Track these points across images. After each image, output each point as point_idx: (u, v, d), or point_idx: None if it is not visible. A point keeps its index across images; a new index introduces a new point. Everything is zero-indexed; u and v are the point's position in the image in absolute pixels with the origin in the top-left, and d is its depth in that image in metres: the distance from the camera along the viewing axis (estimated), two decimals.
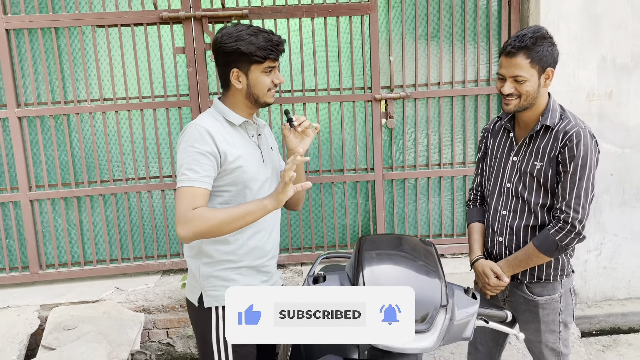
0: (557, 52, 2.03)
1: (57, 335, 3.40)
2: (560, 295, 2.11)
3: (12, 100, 3.65)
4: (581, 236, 2.01)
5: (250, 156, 1.93)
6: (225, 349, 1.90)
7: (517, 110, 2.04)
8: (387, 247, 1.75)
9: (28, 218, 3.78)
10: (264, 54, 1.83)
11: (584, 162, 1.95)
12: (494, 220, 2.16)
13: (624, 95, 3.74)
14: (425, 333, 1.47)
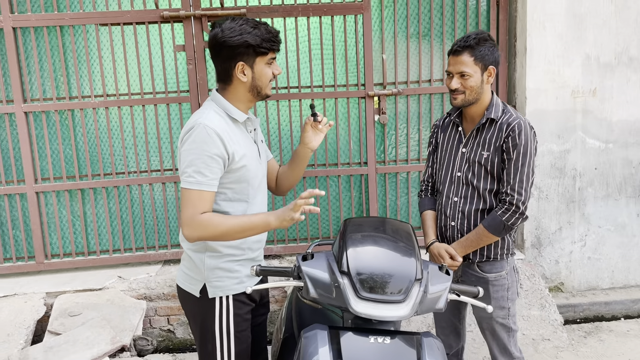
0: (498, 54, 2.27)
1: (63, 321, 3.55)
2: (507, 272, 2.32)
3: (19, 96, 3.79)
4: (524, 216, 2.21)
5: (252, 153, 2.01)
6: (228, 336, 1.98)
7: (464, 104, 2.25)
8: (368, 229, 1.90)
9: (34, 209, 3.92)
10: (268, 45, 1.90)
11: (525, 150, 2.16)
12: (447, 207, 2.34)
13: (608, 92, 3.88)
14: (401, 303, 1.63)
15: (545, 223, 4.00)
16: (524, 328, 3.53)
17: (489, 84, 2.25)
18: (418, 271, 1.68)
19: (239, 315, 2.00)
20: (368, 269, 1.67)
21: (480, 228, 2.23)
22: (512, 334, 2.34)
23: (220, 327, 1.98)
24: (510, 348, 2.33)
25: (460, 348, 2.53)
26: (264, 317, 2.25)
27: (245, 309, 2.03)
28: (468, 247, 2.27)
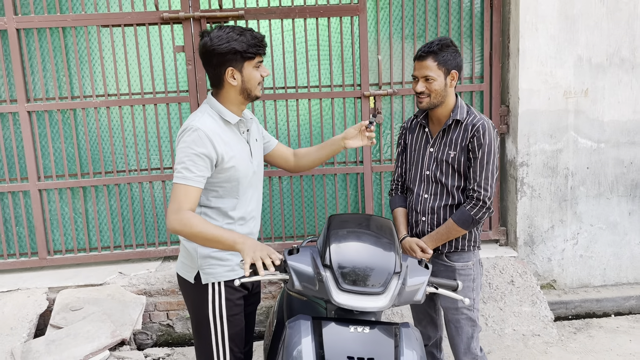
0: (461, 59, 2.38)
1: (65, 315, 3.64)
2: (473, 263, 2.43)
3: (22, 96, 3.88)
4: (490, 210, 2.35)
5: (242, 154, 2.12)
6: (221, 319, 2.11)
7: (429, 107, 2.37)
8: (351, 225, 1.98)
9: (37, 207, 4.01)
10: (254, 50, 2.02)
11: (489, 149, 2.30)
12: (417, 204, 2.45)
13: (600, 92, 3.95)
14: (380, 295, 1.71)
15: (538, 221, 4.07)
16: (514, 324, 3.60)
17: (452, 87, 2.38)
18: (397, 265, 1.77)
19: (230, 300, 2.12)
20: (349, 263, 1.75)
21: (450, 222, 2.35)
22: (476, 329, 2.43)
23: (214, 311, 2.10)
24: (472, 345, 2.43)
25: (438, 338, 2.62)
26: (253, 306, 2.35)
27: (237, 295, 2.14)
28: (438, 240, 2.38)
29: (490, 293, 3.76)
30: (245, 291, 2.18)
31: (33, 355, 3.35)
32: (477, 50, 4.06)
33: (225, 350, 2.12)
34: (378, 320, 1.81)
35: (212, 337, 2.12)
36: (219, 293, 2.11)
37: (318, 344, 1.62)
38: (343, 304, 1.68)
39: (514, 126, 3.98)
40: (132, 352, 3.55)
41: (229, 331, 2.11)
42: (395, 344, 1.64)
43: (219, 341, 2.11)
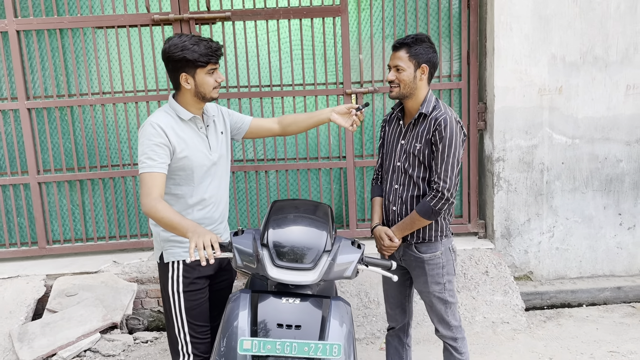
0: (434, 55, 2.48)
1: (60, 300, 3.87)
2: (442, 252, 2.53)
3: (22, 94, 4.11)
4: (450, 202, 2.43)
5: (197, 146, 2.32)
6: (178, 294, 2.34)
7: (399, 97, 2.49)
8: (289, 209, 2.16)
9: (37, 199, 4.25)
10: (205, 59, 2.22)
11: (450, 142, 2.39)
12: (389, 193, 2.58)
13: (574, 90, 4.07)
14: (310, 270, 1.90)
15: (515, 215, 4.21)
16: (485, 312, 3.76)
17: (422, 80, 2.47)
18: (327, 244, 1.95)
19: (187, 278, 2.34)
20: (284, 242, 1.95)
21: (413, 213, 2.47)
22: (448, 305, 2.56)
23: (172, 286, 2.35)
24: (448, 318, 2.57)
25: (406, 323, 2.76)
26: (225, 283, 2.55)
27: (195, 274, 2.35)
28: (404, 229, 2.51)
29: (464, 283, 3.92)
30: (208, 271, 2.37)
31: (29, 337, 3.58)
32: (456, 49, 4.21)
33: (183, 322, 2.34)
34: (314, 294, 1.99)
35: (171, 310, 2.36)
36: (177, 270, 2.34)
37: (254, 314, 1.81)
38: (276, 278, 1.87)
39: (491, 122, 4.13)
40: (122, 335, 3.77)
41: (185, 305, 2.34)
42: (323, 315, 1.82)
43: (177, 313, 2.35)
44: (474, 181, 4.35)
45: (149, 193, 2.18)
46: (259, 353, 1.71)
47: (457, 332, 2.60)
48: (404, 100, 2.53)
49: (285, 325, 1.77)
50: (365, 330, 3.67)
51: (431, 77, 2.52)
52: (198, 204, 2.35)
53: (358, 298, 3.85)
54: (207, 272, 2.37)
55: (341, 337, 1.79)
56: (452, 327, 2.58)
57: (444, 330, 2.59)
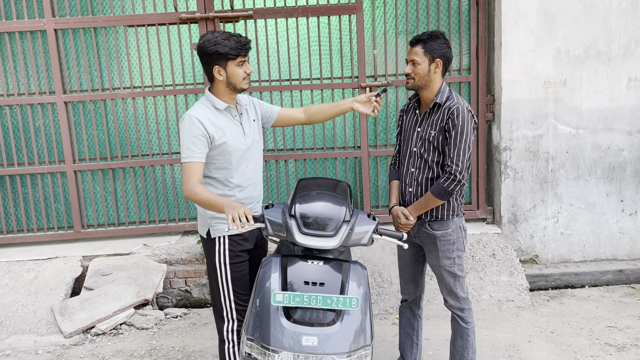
0: (448, 50, 2.69)
1: (96, 279, 4.19)
2: (453, 230, 2.77)
3: (60, 88, 4.43)
4: (462, 183, 2.67)
5: (233, 133, 2.58)
6: (225, 265, 2.60)
7: (414, 88, 2.73)
8: (313, 186, 2.44)
9: (72, 186, 4.57)
10: (235, 52, 2.48)
11: (462, 129, 2.62)
12: (406, 176, 2.83)
13: (577, 82, 4.29)
14: (331, 237, 2.19)
15: (521, 201, 4.44)
16: (491, 291, 4.01)
17: (436, 74, 2.69)
18: (347, 215, 2.23)
19: (232, 251, 2.60)
20: (309, 213, 2.24)
21: (428, 193, 2.71)
22: (457, 279, 2.80)
23: (219, 259, 2.60)
24: (456, 290, 2.81)
25: (418, 296, 3.02)
26: (259, 257, 2.78)
27: (239, 247, 2.61)
28: (419, 209, 2.75)
29: (472, 264, 4.17)
30: (249, 245, 2.65)
31: (69, 311, 3.91)
32: (465, 44, 4.44)
33: (229, 291, 2.61)
34: (336, 258, 2.27)
35: (218, 280, 2.62)
36: (223, 245, 2.60)
37: (284, 275, 2.10)
38: (303, 243, 2.16)
39: (498, 114, 4.36)
40: (154, 311, 4.08)
41: (232, 275, 2.60)
42: (343, 275, 2.10)
43: (223, 283, 2.61)
44: (482, 170, 4.59)
45: (188, 180, 2.45)
46: (289, 304, 1.99)
47: (464, 303, 2.84)
48: (419, 92, 2.76)
49: (311, 282, 2.05)
50: (379, 307, 3.94)
51: (445, 70, 2.73)
52: (238, 186, 2.61)
53: (372, 278, 4.11)
54: (248, 246, 2.64)
55: (359, 294, 2.06)
56: (460, 299, 2.83)
57: (452, 301, 2.84)
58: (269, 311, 2.01)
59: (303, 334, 1.95)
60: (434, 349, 3.37)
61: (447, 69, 2.74)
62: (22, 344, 3.70)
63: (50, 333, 3.80)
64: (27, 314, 3.92)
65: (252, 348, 2.01)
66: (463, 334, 2.82)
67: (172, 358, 3.48)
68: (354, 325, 2.01)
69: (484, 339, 3.48)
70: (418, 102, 2.86)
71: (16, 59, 4.45)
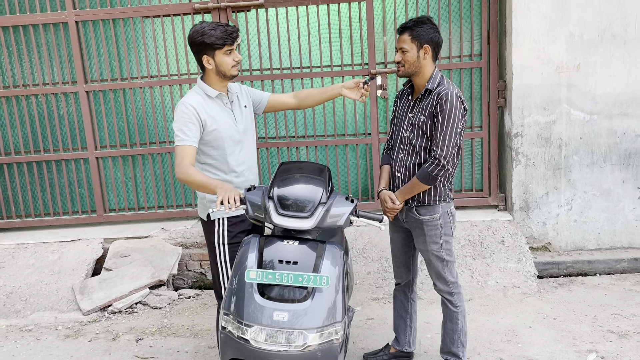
0: (436, 35, 2.70)
1: (115, 261, 4.39)
2: (440, 215, 2.78)
3: (81, 78, 4.63)
4: (445, 168, 2.66)
5: (224, 120, 2.68)
6: (223, 245, 2.71)
7: (405, 75, 2.76)
8: (293, 170, 2.50)
9: (94, 172, 4.78)
10: (222, 42, 2.57)
11: (449, 114, 2.63)
12: (396, 161, 2.86)
13: (591, 67, 4.20)
14: (307, 218, 2.26)
15: (533, 188, 4.40)
16: (498, 277, 4.00)
17: (426, 59, 2.71)
18: (323, 197, 2.31)
19: (231, 232, 2.71)
20: (286, 195, 2.32)
21: (414, 178, 2.75)
22: (446, 263, 2.83)
23: (218, 239, 2.72)
24: (445, 274, 2.84)
25: (410, 280, 3.06)
26: None
27: (237, 229, 2.72)
28: (406, 193, 2.79)
29: (480, 251, 4.17)
30: (246, 226, 2.74)
31: (89, 290, 4.12)
32: (476, 29, 4.41)
33: (228, 270, 2.73)
34: (314, 238, 2.35)
35: (217, 260, 2.75)
36: (222, 226, 2.72)
37: (261, 254, 2.19)
38: (279, 224, 2.25)
39: (510, 100, 4.32)
40: (168, 291, 4.25)
41: (230, 255, 2.72)
42: (318, 255, 2.17)
43: (222, 263, 2.73)
44: (494, 156, 4.56)
45: (181, 162, 2.56)
46: (261, 281, 2.08)
47: (453, 287, 2.87)
48: (412, 78, 2.79)
49: (285, 261, 2.14)
50: (383, 291, 3.99)
51: (436, 55, 2.74)
52: (233, 171, 2.72)
53: (379, 263, 4.17)
54: (246, 228, 2.74)
55: (332, 273, 2.14)
56: (449, 283, 2.86)
57: (441, 285, 2.88)
58: (244, 288, 2.11)
59: (275, 309, 2.05)
60: (433, 333, 3.41)
61: (437, 53, 2.74)
62: (44, 320, 3.93)
63: (70, 310, 4.02)
64: (49, 292, 4.16)
65: (227, 322, 2.11)
66: (452, 317, 2.86)
67: (181, 335, 3.63)
68: (326, 302, 2.09)
69: (485, 324, 3.49)
70: (411, 89, 2.89)
71: (40, 50, 4.67)
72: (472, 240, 4.23)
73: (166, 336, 3.64)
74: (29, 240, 4.65)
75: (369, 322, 3.64)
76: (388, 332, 3.43)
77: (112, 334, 3.69)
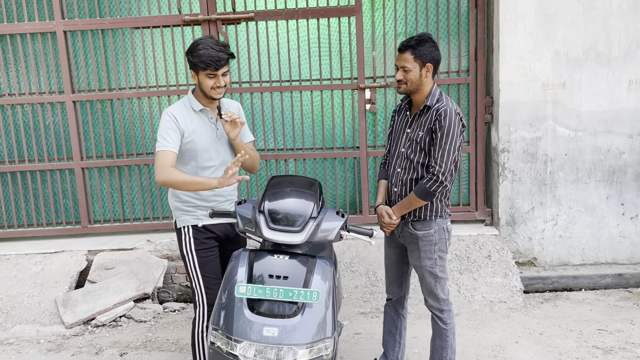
0: (437, 53, 2.71)
1: (100, 273, 4.33)
2: (435, 231, 2.77)
3: (68, 88, 4.59)
4: (444, 185, 2.67)
5: (203, 133, 2.69)
6: (191, 252, 2.74)
7: (406, 92, 2.75)
8: (284, 183, 2.50)
9: (80, 182, 4.73)
10: (203, 66, 2.58)
11: (448, 131, 2.63)
12: (392, 176, 2.86)
13: (577, 84, 4.27)
14: (298, 232, 2.25)
15: (519, 203, 4.44)
16: (484, 292, 4.02)
17: (427, 77, 2.71)
18: (314, 212, 2.30)
19: (197, 239, 2.73)
20: (277, 209, 2.31)
21: (411, 193, 2.74)
22: (438, 280, 2.83)
23: (186, 247, 2.76)
24: (436, 291, 2.84)
25: (402, 296, 3.05)
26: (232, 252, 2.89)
27: (203, 236, 2.73)
28: (403, 208, 2.78)
29: (467, 265, 4.18)
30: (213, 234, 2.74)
31: (72, 303, 4.05)
32: (464, 46, 4.46)
33: (198, 276, 2.75)
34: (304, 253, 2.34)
35: (188, 267, 2.78)
36: (188, 234, 2.75)
37: (251, 268, 2.18)
38: (269, 238, 2.24)
39: (496, 116, 4.37)
40: (153, 304, 4.20)
41: (199, 261, 2.74)
42: (308, 270, 2.16)
43: (192, 269, 2.76)
44: (481, 171, 4.60)
45: (162, 166, 2.57)
46: (252, 296, 2.07)
47: (444, 304, 2.86)
48: (411, 94, 2.78)
49: (275, 276, 2.13)
50: (371, 305, 3.99)
51: (435, 72, 2.75)
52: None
53: (366, 277, 4.17)
54: (214, 234, 2.74)
55: (322, 288, 2.13)
56: (440, 300, 2.85)
57: (432, 302, 2.87)
58: (233, 303, 2.09)
59: (264, 325, 2.03)
60: (421, 348, 3.41)
61: (436, 70, 2.75)
62: (26, 334, 3.85)
63: (52, 324, 3.95)
64: (32, 305, 4.08)
65: (216, 337, 2.09)
66: (442, 334, 2.85)
67: (166, 350, 3.58)
68: (316, 318, 2.08)
69: (472, 339, 3.50)
70: (409, 104, 2.88)
71: (27, 59, 4.63)
72: (459, 255, 4.25)
73: (151, 350, 3.58)
74: (11, 252, 4.57)
75: (356, 336, 3.62)
76: (376, 346, 3.42)
77: (96, 348, 3.63)
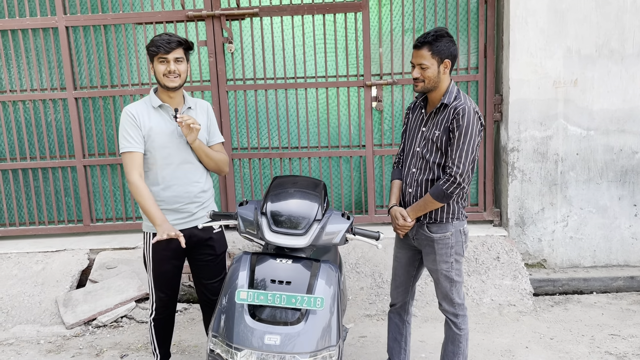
0: (455, 49, 2.59)
1: (101, 272, 4.26)
2: (452, 234, 2.67)
3: (70, 84, 4.52)
4: (461, 186, 2.56)
5: (162, 130, 2.62)
6: (149, 258, 2.77)
7: (423, 91, 2.64)
8: (287, 184, 2.41)
9: (82, 180, 4.66)
10: (154, 49, 2.56)
11: (466, 130, 2.52)
12: (407, 176, 2.75)
13: (589, 82, 4.16)
14: (301, 236, 2.17)
15: (529, 203, 4.33)
16: (493, 295, 3.92)
17: (445, 74, 2.60)
18: (318, 214, 2.21)
19: (155, 247, 2.70)
20: (279, 211, 2.22)
21: (427, 195, 2.63)
22: (454, 284, 2.72)
23: (145, 251, 2.80)
24: (452, 295, 2.74)
25: (407, 302, 2.94)
26: (209, 257, 2.85)
27: (160, 247, 2.65)
28: (418, 210, 2.67)
29: (475, 267, 4.09)
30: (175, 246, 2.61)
31: (73, 303, 3.99)
32: (473, 42, 4.36)
33: (152, 282, 2.81)
34: (307, 257, 2.25)
35: (146, 269, 2.82)
36: (148, 240, 2.74)
37: (253, 272, 2.09)
38: (272, 241, 2.15)
39: (506, 114, 4.26)
40: None
41: (153, 269, 2.78)
42: (312, 274, 2.08)
43: (150, 274, 2.80)
44: (489, 171, 4.50)
45: (130, 172, 2.56)
46: (253, 302, 1.99)
47: (459, 309, 2.76)
48: (428, 92, 2.66)
49: (278, 281, 2.05)
50: (377, 308, 3.90)
51: (452, 68, 2.63)
52: (159, 184, 2.66)
53: (372, 278, 4.08)
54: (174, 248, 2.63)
55: (327, 294, 2.04)
56: (455, 305, 2.75)
57: (447, 306, 2.77)
58: (234, 309, 2.01)
59: (266, 332, 1.95)
60: (428, 352, 3.32)
61: (453, 66, 2.63)
62: (26, 334, 3.79)
63: (53, 324, 3.89)
64: (32, 304, 4.02)
65: (216, 345, 2.01)
66: (455, 339, 2.76)
67: None
68: (320, 325, 2.00)
69: (480, 344, 3.41)
70: (425, 101, 2.77)
71: (29, 55, 4.56)
72: (466, 256, 4.15)
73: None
74: (12, 250, 4.51)
75: (361, 340, 3.54)
76: (381, 350, 3.33)
77: (96, 350, 3.56)
